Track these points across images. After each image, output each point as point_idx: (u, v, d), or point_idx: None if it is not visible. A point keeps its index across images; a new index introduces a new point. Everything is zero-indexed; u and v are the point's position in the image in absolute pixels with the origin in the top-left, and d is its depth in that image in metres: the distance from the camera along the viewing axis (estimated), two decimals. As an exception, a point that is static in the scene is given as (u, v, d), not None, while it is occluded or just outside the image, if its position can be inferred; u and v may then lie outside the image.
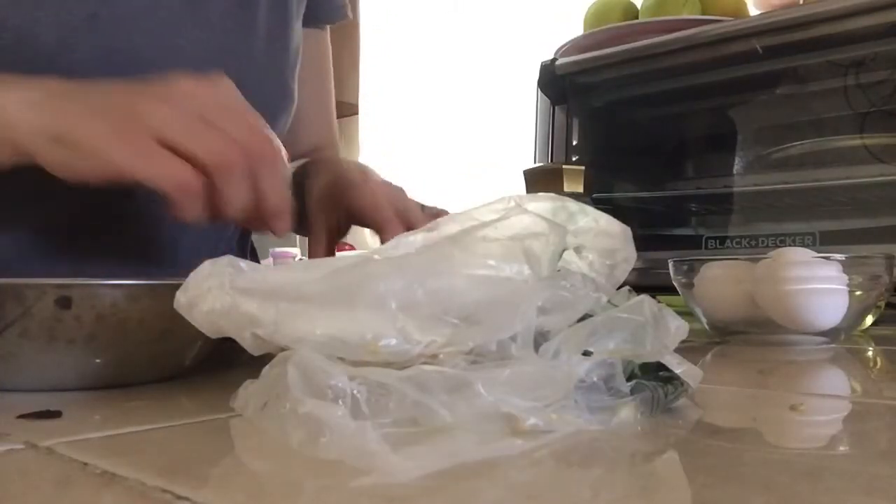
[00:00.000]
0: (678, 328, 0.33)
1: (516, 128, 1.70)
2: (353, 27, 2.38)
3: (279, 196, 0.47)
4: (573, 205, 0.37)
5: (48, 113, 0.45)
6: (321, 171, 0.67)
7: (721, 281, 0.65)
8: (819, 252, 0.62)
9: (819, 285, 0.60)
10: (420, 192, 0.72)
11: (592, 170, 1.16)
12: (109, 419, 0.33)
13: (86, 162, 0.44)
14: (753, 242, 1.07)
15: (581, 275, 0.34)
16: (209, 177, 0.44)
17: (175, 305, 0.33)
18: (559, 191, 1.11)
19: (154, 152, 0.43)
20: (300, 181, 0.65)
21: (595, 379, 0.31)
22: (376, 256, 0.34)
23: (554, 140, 1.25)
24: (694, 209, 1.24)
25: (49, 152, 0.45)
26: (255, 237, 0.82)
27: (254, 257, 0.86)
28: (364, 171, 0.64)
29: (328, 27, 0.83)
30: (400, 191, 0.61)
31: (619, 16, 1.26)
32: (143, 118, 0.44)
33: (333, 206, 0.63)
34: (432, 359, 0.30)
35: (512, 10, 2.05)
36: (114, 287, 0.38)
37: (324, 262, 0.33)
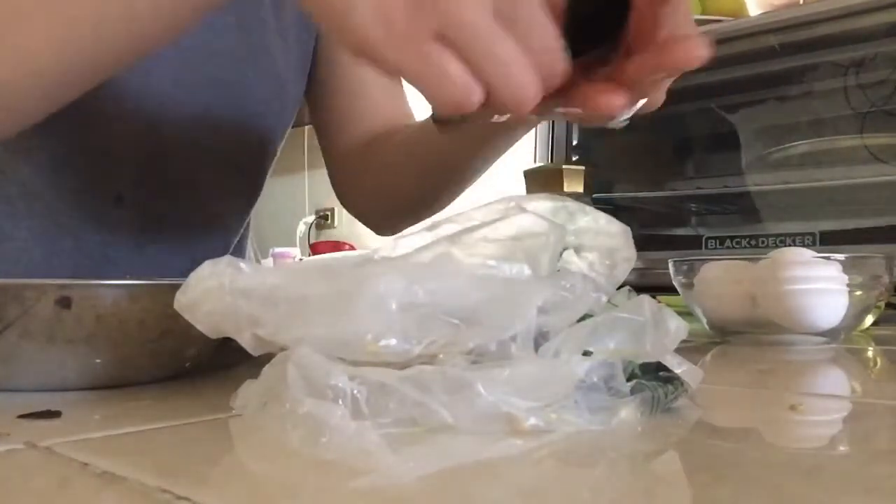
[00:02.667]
0: (678, 328, 0.33)
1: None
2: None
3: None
4: (573, 205, 0.37)
5: None
6: None
7: (721, 281, 0.65)
8: (819, 252, 0.62)
9: (819, 285, 0.60)
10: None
11: (592, 170, 1.16)
12: (109, 419, 0.33)
13: (341, 39, 0.35)
14: (753, 242, 1.07)
15: (581, 275, 0.34)
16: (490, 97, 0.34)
17: (175, 306, 0.33)
18: (559, 191, 1.11)
19: (433, 57, 0.33)
20: None
21: (595, 379, 0.31)
22: (376, 257, 0.34)
23: (554, 140, 1.25)
24: (694, 209, 1.24)
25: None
26: (254, 237, 0.82)
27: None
28: None
29: None
30: None
31: (619, 16, 1.26)
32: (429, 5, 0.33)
33: None
34: (432, 359, 0.30)
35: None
36: (114, 287, 0.38)
37: (324, 262, 0.33)
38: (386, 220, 0.78)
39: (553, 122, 1.24)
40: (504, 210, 0.35)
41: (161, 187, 0.64)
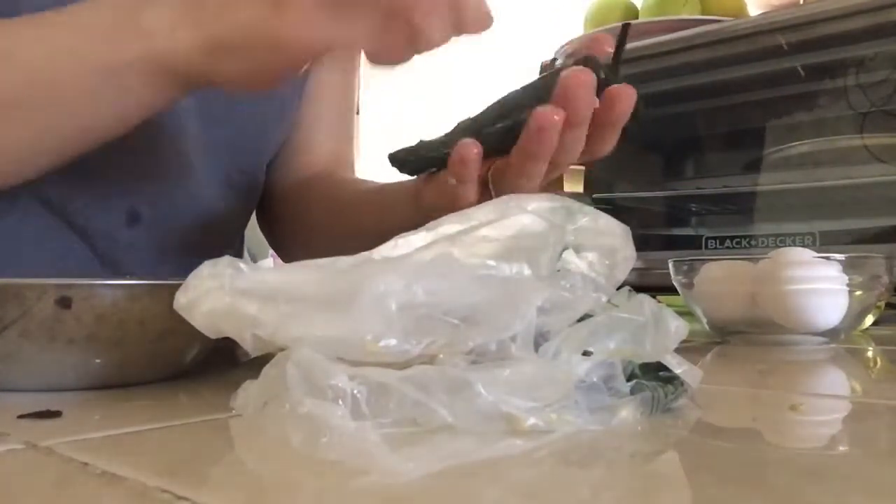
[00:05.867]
0: (678, 328, 0.33)
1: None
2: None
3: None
4: (573, 205, 0.37)
5: (195, 21, 0.41)
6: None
7: (721, 281, 0.65)
8: (819, 252, 0.62)
9: (819, 285, 0.60)
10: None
11: (592, 170, 1.16)
12: (109, 419, 0.33)
13: (263, 61, 0.40)
14: (753, 242, 1.07)
15: (581, 275, 0.34)
16: (396, 13, 0.40)
17: (175, 306, 0.33)
18: (559, 191, 1.11)
19: (333, 7, 0.39)
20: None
21: (595, 379, 0.31)
22: (376, 256, 0.34)
23: (554, 140, 1.24)
24: (694, 209, 1.24)
25: (217, 69, 0.41)
26: (250, 238, 0.83)
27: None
28: None
29: None
30: None
31: (619, 16, 1.26)
32: None
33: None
34: (432, 359, 0.30)
35: (512, 9, 2.05)
36: (114, 287, 0.38)
37: (323, 263, 0.33)
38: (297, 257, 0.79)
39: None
40: (504, 210, 0.35)
41: (176, 206, 0.63)
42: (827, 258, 0.61)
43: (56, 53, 0.43)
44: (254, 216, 0.79)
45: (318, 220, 0.72)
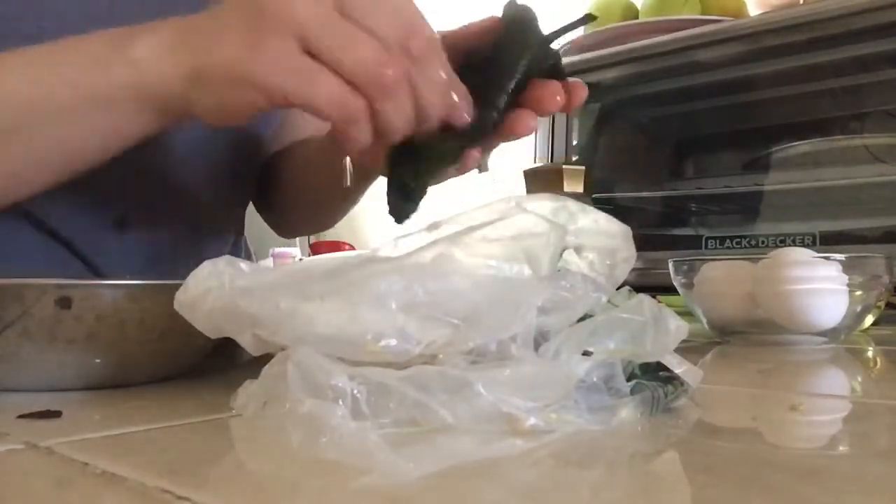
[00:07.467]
0: (678, 328, 0.33)
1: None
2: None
3: (443, 94, 0.41)
4: (573, 205, 0.37)
5: (180, 52, 0.41)
6: None
7: (721, 281, 0.65)
8: (819, 252, 0.62)
9: (819, 285, 0.60)
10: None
11: (592, 170, 1.16)
12: (109, 419, 0.33)
13: (232, 97, 0.40)
14: (753, 242, 1.07)
15: (581, 275, 0.34)
16: (363, 94, 0.39)
17: (175, 305, 0.33)
18: (559, 191, 1.11)
19: (304, 67, 0.38)
20: None
21: (595, 379, 0.31)
22: (376, 256, 0.34)
23: (554, 140, 1.25)
24: (694, 209, 1.24)
25: (196, 99, 0.41)
26: (250, 236, 0.82)
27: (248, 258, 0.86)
28: None
29: None
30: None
31: (619, 16, 1.26)
32: (279, 19, 0.38)
33: None
34: (432, 359, 0.30)
35: (512, 10, 2.05)
36: (114, 287, 0.38)
37: (324, 262, 0.33)
38: (289, 228, 0.81)
39: (553, 121, 1.24)
40: (504, 210, 0.35)
41: (166, 206, 0.63)
42: (827, 258, 0.61)
43: (46, 80, 0.43)
44: (253, 215, 0.79)
45: (300, 181, 0.72)
